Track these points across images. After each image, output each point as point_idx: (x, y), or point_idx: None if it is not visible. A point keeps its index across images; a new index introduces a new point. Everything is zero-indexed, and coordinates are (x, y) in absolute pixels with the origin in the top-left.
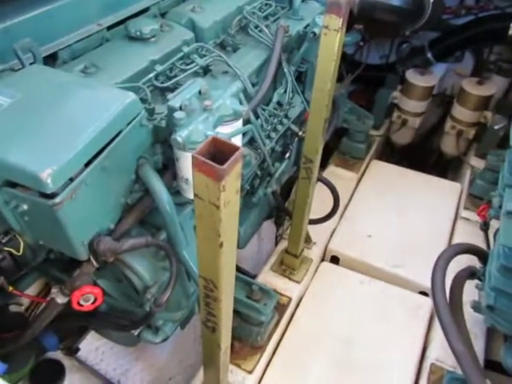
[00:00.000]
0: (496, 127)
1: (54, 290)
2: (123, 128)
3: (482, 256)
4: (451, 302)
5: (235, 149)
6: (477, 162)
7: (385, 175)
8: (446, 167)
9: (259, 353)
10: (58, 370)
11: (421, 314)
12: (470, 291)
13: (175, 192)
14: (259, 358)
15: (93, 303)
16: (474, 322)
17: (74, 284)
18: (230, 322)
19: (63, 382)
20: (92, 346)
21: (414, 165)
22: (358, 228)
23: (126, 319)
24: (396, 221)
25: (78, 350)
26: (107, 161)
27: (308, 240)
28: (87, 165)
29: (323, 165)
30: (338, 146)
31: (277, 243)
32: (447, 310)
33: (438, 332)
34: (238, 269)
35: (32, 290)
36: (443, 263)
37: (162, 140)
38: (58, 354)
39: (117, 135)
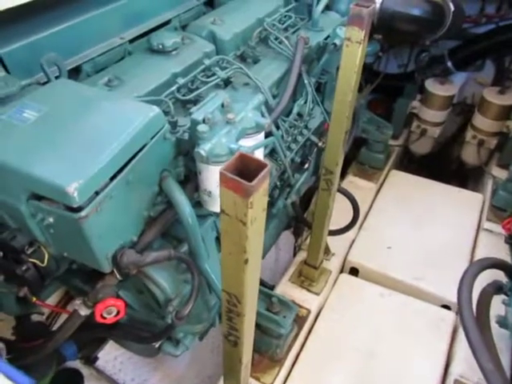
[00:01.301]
0: None
1: (76, 302)
2: (147, 141)
3: (509, 271)
4: (478, 318)
5: (263, 165)
6: (499, 172)
7: (404, 185)
8: (466, 177)
9: (278, 366)
10: (77, 378)
11: (443, 328)
12: (495, 305)
13: (196, 203)
14: (278, 371)
15: (115, 316)
16: (500, 337)
17: (97, 296)
18: (252, 337)
19: None
20: (110, 356)
21: (434, 175)
22: (378, 239)
23: (147, 331)
24: (416, 232)
25: (96, 359)
26: (131, 174)
27: (327, 251)
28: (112, 178)
29: (342, 175)
30: (357, 156)
31: (295, 254)
32: (475, 328)
33: (461, 347)
34: None
35: (52, 299)
36: (469, 279)
37: (185, 152)
38: (76, 363)
39: (141, 149)
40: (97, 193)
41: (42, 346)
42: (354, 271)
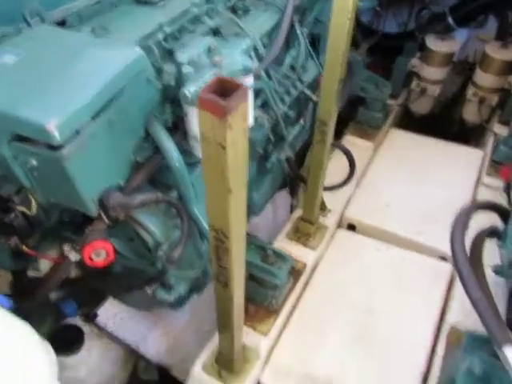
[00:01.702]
0: None
1: (66, 248)
2: (129, 82)
3: (504, 213)
4: (471, 258)
5: (240, 86)
6: (500, 129)
7: (404, 143)
8: (468, 137)
9: (274, 316)
10: (78, 335)
11: (439, 279)
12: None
13: (186, 152)
14: (274, 320)
15: (105, 259)
16: (495, 285)
17: (86, 240)
18: (243, 276)
19: (82, 347)
20: (110, 313)
21: (435, 135)
22: (376, 196)
23: (140, 279)
24: (415, 189)
25: (96, 315)
26: (114, 115)
27: (323, 208)
28: (94, 118)
29: (339, 135)
30: (355, 117)
31: (292, 213)
32: (464, 258)
33: (457, 297)
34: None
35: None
36: (463, 218)
37: (171, 99)
38: (77, 321)
39: (123, 89)
40: (78, 132)
41: (35, 293)
42: (352, 227)
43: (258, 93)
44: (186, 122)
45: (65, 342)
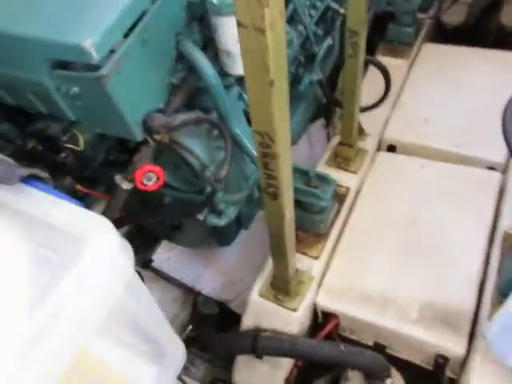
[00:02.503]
0: None
1: (117, 177)
2: None
3: None
4: None
5: None
6: None
7: (439, 56)
8: (506, 45)
9: (323, 240)
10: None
11: (489, 188)
12: None
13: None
14: (324, 245)
15: (155, 183)
16: None
17: (135, 166)
18: (291, 187)
19: None
20: (164, 257)
21: (471, 47)
22: (414, 113)
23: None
24: (455, 100)
25: (151, 261)
26: (145, 33)
27: (361, 132)
28: (126, 37)
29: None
30: (384, 36)
31: (328, 137)
32: None
33: (509, 203)
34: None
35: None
36: None
37: (199, 17)
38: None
39: (150, 6)
40: (113, 51)
41: None
42: (392, 149)
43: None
44: (216, 37)
45: None
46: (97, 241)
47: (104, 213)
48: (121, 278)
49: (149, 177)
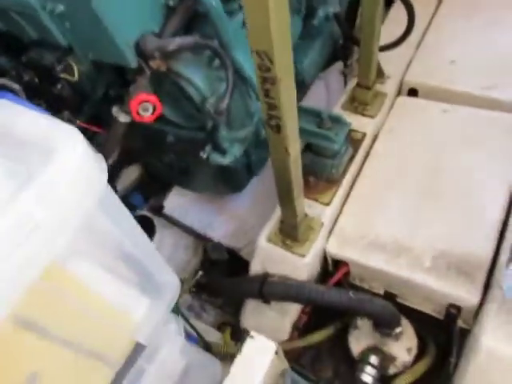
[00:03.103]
0: None
1: (114, 109)
2: None
3: None
4: None
5: None
6: None
7: None
8: None
9: (335, 186)
10: (149, 225)
11: None
12: None
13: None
14: (336, 191)
15: (153, 113)
16: None
17: (131, 95)
18: (295, 118)
19: (154, 236)
20: (175, 204)
21: None
22: (439, 55)
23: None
24: (485, 39)
25: (162, 207)
26: None
27: (381, 74)
28: None
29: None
30: None
31: (346, 84)
32: None
33: None
34: None
35: None
36: None
37: None
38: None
39: None
40: None
41: None
42: (413, 93)
43: None
44: None
45: None
46: (65, 150)
47: (102, 147)
48: (91, 190)
49: (145, 107)
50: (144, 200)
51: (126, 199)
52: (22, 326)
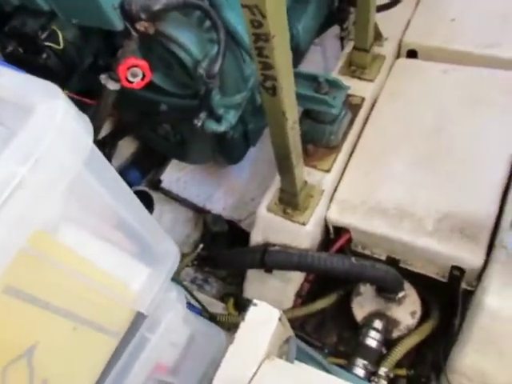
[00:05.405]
0: None
1: (102, 76)
2: None
3: None
4: None
5: None
6: None
7: None
8: None
9: (335, 152)
10: (147, 200)
11: None
12: None
13: None
14: (336, 157)
15: (142, 79)
16: None
17: (118, 61)
18: (292, 79)
19: (152, 211)
20: (173, 178)
21: None
22: (438, 14)
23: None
24: None
25: (160, 181)
26: None
27: (378, 37)
28: None
29: None
30: None
31: (343, 48)
32: None
33: None
34: None
35: None
36: None
37: None
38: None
39: None
40: None
41: None
42: (412, 54)
43: None
44: None
45: None
46: (44, 106)
47: (92, 117)
48: (75, 149)
49: (134, 73)
50: (141, 176)
51: (122, 176)
52: (15, 296)
